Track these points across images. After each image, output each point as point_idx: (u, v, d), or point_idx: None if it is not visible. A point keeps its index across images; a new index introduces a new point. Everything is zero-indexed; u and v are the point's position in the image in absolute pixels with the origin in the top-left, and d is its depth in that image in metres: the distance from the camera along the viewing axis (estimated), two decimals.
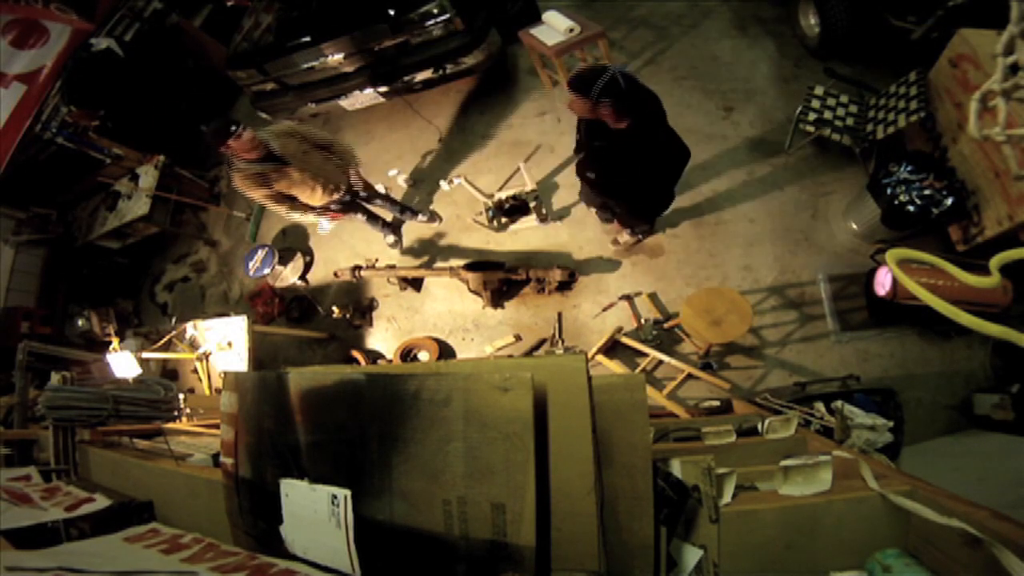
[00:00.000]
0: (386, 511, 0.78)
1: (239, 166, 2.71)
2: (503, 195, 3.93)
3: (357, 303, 4.16)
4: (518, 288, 3.75)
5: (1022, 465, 2.21)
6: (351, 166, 3.14)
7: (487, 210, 3.96)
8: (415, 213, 4.10)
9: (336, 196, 3.10)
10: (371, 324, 4.11)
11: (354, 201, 3.42)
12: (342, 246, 4.52)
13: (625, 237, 3.53)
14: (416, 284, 4.03)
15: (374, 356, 4.01)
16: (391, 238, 4.16)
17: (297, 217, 3.14)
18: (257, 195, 2.84)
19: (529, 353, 3.53)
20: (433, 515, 0.74)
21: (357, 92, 4.17)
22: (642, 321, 3.37)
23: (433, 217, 4.17)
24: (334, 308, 4.00)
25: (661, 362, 3.19)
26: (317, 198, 2.98)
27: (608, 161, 2.37)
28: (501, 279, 3.61)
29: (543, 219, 3.83)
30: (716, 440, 1.50)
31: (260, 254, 4.42)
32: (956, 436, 2.78)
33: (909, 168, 2.77)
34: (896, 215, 2.79)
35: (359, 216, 3.60)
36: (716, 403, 2.76)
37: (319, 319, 4.36)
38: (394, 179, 4.54)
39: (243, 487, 1.00)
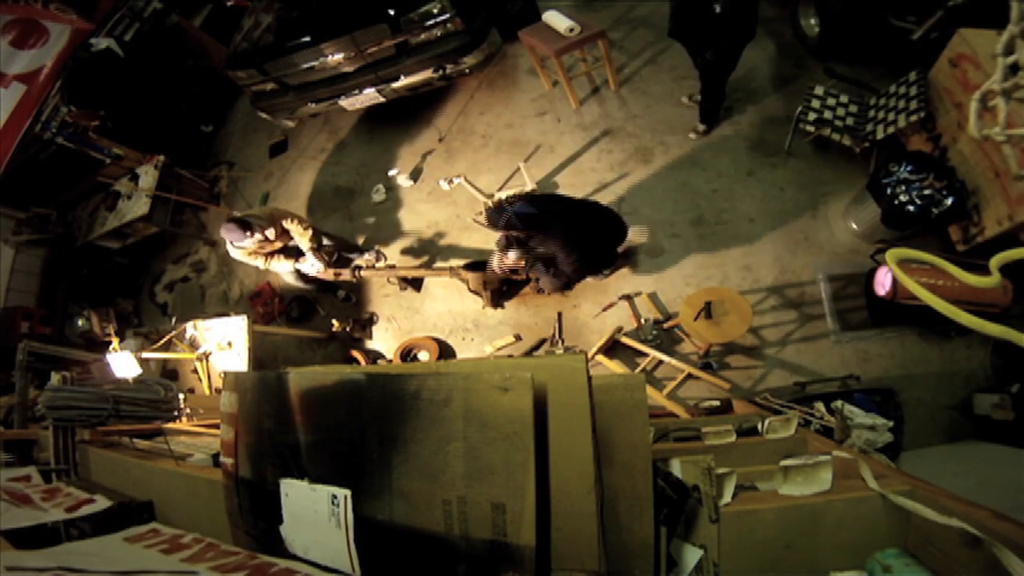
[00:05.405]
0: (386, 511, 0.77)
1: (242, 246, 3.54)
2: (503, 195, 3.93)
3: (357, 316, 4.16)
4: (518, 288, 3.74)
5: (1022, 474, 2.21)
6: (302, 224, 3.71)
7: (487, 210, 3.96)
8: (362, 252, 4.21)
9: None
10: (371, 338, 4.11)
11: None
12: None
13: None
14: (416, 284, 4.03)
15: (374, 356, 4.01)
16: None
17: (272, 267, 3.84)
18: (251, 259, 3.68)
19: (529, 353, 3.53)
20: (433, 515, 0.74)
21: (357, 92, 4.17)
22: (642, 321, 3.37)
23: (379, 256, 4.22)
24: (334, 322, 3.99)
25: (661, 362, 3.19)
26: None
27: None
28: (501, 279, 3.61)
29: None
30: (716, 440, 1.50)
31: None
32: (956, 445, 2.78)
33: (909, 168, 2.77)
34: (896, 215, 2.79)
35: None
36: (716, 403, 2.76)
37: (319, 319, 4.36)
38: (395, 178, 4.54)
39: (243, 487, 1.00)
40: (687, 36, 3.38)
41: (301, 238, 3.64)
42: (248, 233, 3.39)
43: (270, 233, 3.52)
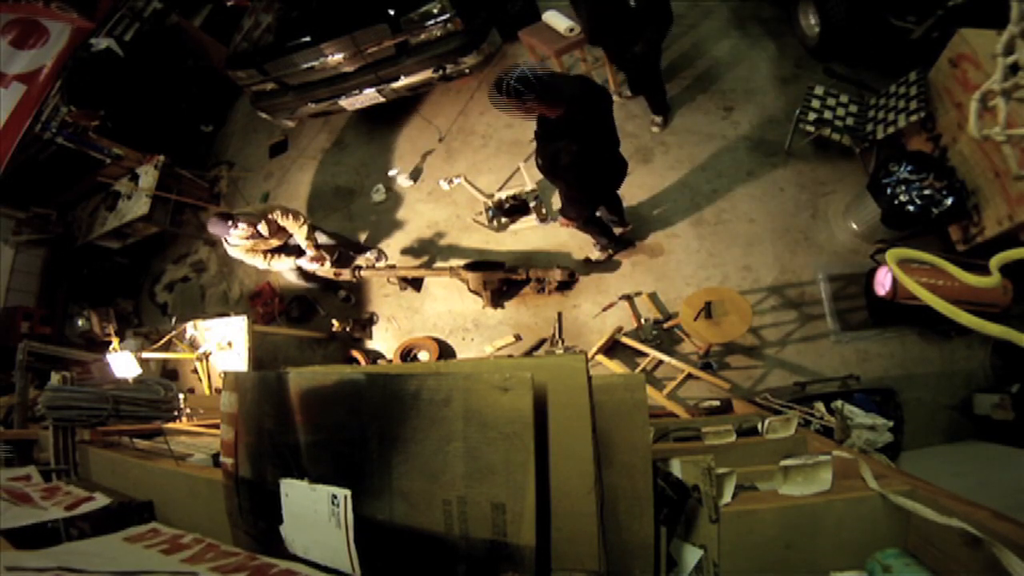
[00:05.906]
0: (386, 511, 0.77)
1: (236, 244, 3.50)
2: (503, 195, 3.93)
3: (357, 317, 4.16)
4: (518, 288, 3.75)
5: (1022, 474, 2.21)
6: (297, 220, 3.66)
7: (487, 210, 3.96)
8: (366, 250, 4.25)
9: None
10: (371, 338, 4.11)
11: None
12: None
13: (596, 253, 3.59)
14: (416, 284, 4.03)
15: (374, 356, 4.01)
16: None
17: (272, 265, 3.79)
18: (249, 257, 3.62)
19: (529, 353, 3.52)
20: (433, 515, 0.74)
21: (357, 92, 4.17)
22: (642, 321, 3.37)
23: (380, 255, 4.27)
24: (334, 322, 3.99)
25: (661, 362, 3.19)
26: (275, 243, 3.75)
27: (547, 143, 2.51)
28: (501, 279, 3.61)
29: (543, 219, 3.83)
30: (716, 440, 1.50)
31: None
32: (956, 445, 2.78)
33: (909, 168, 2.77)
34: (896, 215, 2.79)
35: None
36: (716, 403, 2.76)
37: (319, 319, 4.36)
38: (395, 178, 4.54)
39: (243, 487, 1.00)
40: (608, 37, 3.39)
41: (298, 233, 3.61)
42: (231, 224, 3.28)
43: (262, 228, 3.45)
